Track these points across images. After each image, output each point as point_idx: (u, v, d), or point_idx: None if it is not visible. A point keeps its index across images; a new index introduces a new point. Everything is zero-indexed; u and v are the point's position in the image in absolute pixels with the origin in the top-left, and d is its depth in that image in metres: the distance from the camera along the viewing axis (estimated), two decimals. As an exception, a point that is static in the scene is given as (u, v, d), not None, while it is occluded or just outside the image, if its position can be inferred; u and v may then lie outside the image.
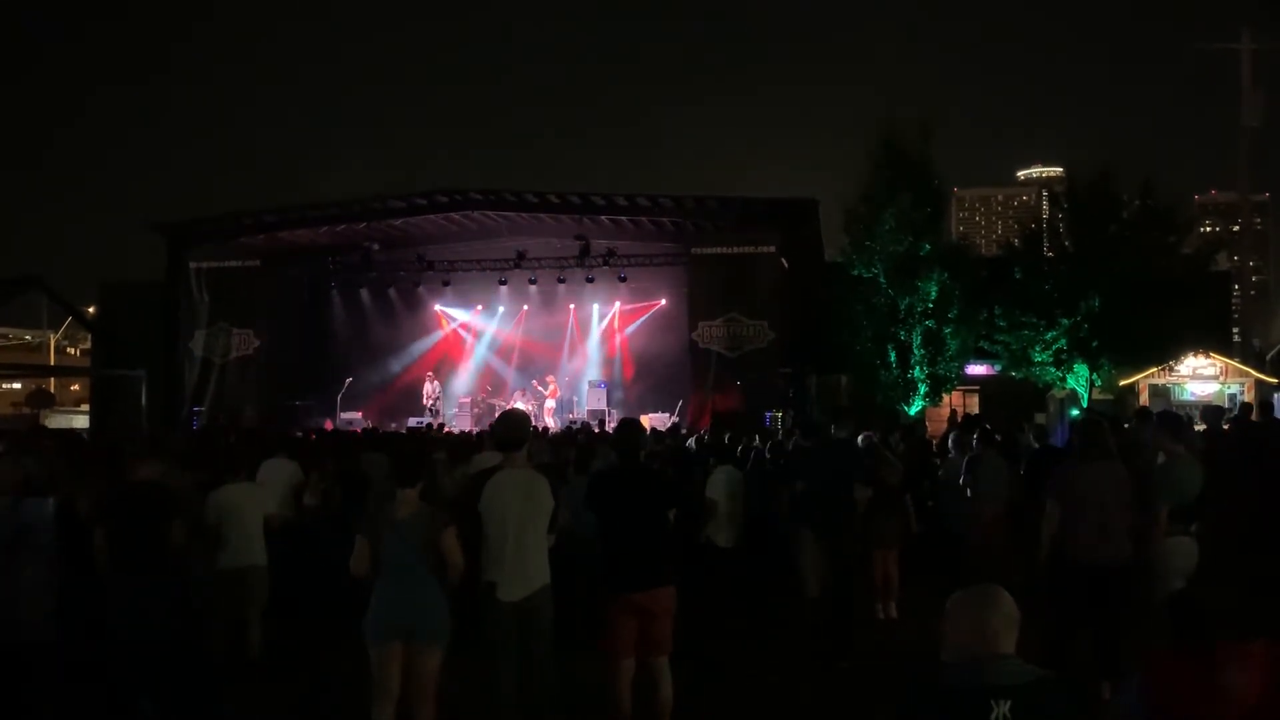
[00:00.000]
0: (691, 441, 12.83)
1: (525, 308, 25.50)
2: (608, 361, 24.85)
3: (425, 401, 23.46)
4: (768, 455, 9.74)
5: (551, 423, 21.42)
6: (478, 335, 26.04)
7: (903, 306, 20.40)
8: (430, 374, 24.17)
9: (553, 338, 25.30)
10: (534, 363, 25.10)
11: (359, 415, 22.91)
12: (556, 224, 23.43)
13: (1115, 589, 6.01)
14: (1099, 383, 20.35)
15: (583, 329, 25.26)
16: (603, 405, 22.37)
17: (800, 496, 7.73)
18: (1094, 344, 19.85)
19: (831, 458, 7.62)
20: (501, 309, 25.69)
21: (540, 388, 23.27)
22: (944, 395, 21.22)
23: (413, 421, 21.52)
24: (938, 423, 19.61)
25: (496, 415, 6.62)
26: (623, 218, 22.69)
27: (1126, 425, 9.81)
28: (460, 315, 26.01)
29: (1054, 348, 20.14)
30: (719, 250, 21.57)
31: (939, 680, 2.87)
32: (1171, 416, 7.25)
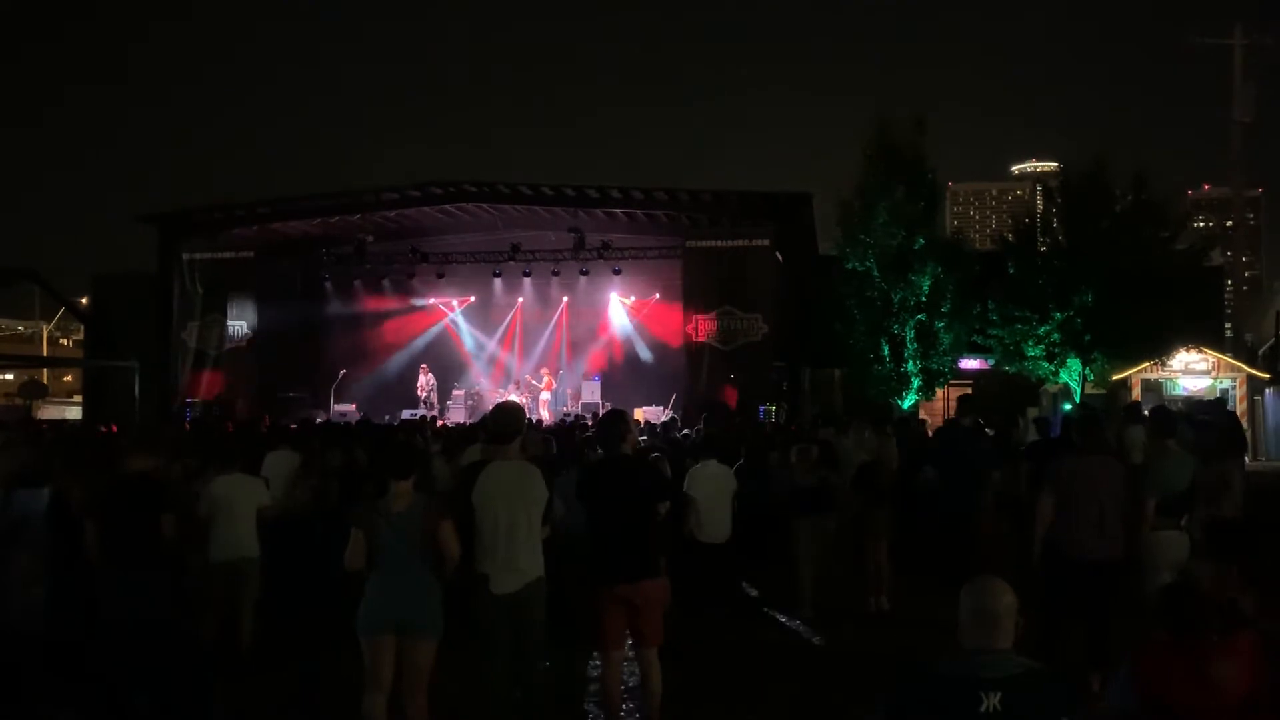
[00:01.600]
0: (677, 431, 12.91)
1: (520, 300, 25.51)
2: (601, 354, 24.85)
3: (420, 393, 23.47)
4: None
5: (546, 415, 21.43)
6: (472, 328, 26.02)
7: (896, 300, 20.43)
8: (424, 366, 24.17)
9: (547, 330, 25.31)
10: (528, 355, 25.12)
11: (352, 408, 22.89)
12: (551, 217, 23.40)
13: (1109, 583, 6.04)
14: (1091, 377, 20.39)
15: (576, 322, 25.26)
16: (597, 398, 22.37)
17: (926, 482, 8.38)
18: (1087, 338, 19.87)
19: (959, 445, 8.08)
20: (496, 301, 25.68)
21: (534, 380, 23.28)
22: (937, 389, 21.26)
23: (407, 413, 21.52)
24: (931, 417, 19.63)
25: (490, 407, 6.60)
26: (617, 211, 22.67)
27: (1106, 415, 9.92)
28: (454, 307, 25.98)
29: (1047, 342, 20.18)
30: (713, 243, 21.53)
31: (932, 672, 2.89)
32: (1161, 411, 7.28)
